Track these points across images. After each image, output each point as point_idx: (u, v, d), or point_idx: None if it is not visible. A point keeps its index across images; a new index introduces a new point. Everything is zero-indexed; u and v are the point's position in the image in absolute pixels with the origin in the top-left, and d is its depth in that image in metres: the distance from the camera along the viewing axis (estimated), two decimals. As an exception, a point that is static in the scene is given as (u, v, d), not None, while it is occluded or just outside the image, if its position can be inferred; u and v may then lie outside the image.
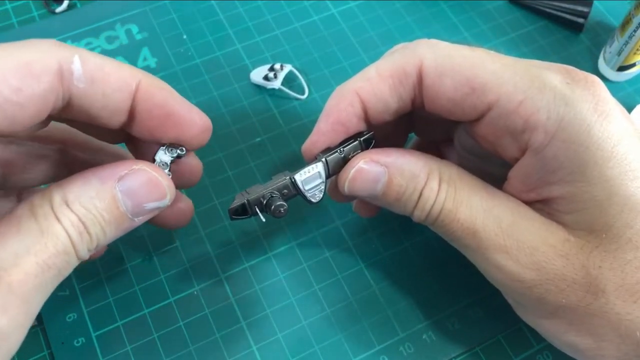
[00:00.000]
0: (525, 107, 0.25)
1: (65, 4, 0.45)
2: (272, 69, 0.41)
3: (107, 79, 0.23)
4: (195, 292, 0.34)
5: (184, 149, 0.27)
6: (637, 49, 0.40)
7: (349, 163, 0.28)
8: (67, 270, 0.23)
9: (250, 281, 0.35)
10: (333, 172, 0.29)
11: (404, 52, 0.27)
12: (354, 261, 0.36)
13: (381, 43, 0.44)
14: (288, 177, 0.28)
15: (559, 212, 0.26)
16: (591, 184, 0.25)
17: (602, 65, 0.43)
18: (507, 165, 0.27)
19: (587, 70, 0.43)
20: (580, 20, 0.45)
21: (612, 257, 0.25)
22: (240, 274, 0.35)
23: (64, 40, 0.43)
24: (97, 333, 0.32)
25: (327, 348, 0.33)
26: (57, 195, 0.23)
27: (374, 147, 0.29)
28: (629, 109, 0.40)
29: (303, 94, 0.42)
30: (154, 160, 0.27)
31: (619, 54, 0.41)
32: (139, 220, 0.25)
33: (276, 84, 0.41)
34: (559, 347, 0.28)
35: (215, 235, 0.36)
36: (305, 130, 0.29)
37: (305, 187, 0.28)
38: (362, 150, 0.29)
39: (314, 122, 0.29)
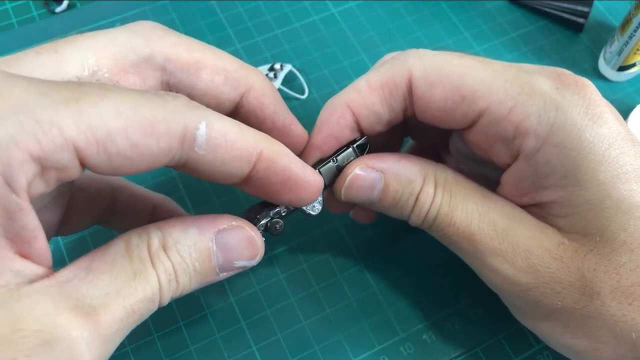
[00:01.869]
0: (516, 114, 0.25)
1: (65, 4, 0.45)
2: (272, 69, 0.41)
3: (228, 147, 0.22)
4: (195, 292, 0.34)
5: (287, 209, 0.27)
6: (638, 49, 0.40)
7: (344, 170, 0.28)
8: (147, 316, 0.22)
9: (250, 281, 0.35)
10: (328, 182, 0.29)
11: (393, 63, 0.28)
12: (354, 261, 0.36)
13: (381, 43, 0.44)
14: None
15: (553, 215, 0.26)
16: (584, 188, 0.25)
17: (602, 65, 0.43)
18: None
19: (588, 70, 0.44)
20: (580, 20, 0.45)
21: (607, 259, 0.25)
22: (240, 274, 0.34)
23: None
24: (97, 333, 0.32)
25: (327, 348, 0.33)
26: (156, 238, 0.22)
27: (369, 152, 0.29)
28: (629, 109, 0.40)
29: (303, 94, 0.42)
30: (254, 217, 0.27)
31: (620, 53, 0.41)
32: (223, 276, 0.25)
33: (276, 84, 0.41)
34: (556, 349, 0.28)
35: (215, 235, 0.36)
36: (306, 130, 0.29)
37: None
38: (357, 156, 0.29)
39: (313, 122, 0.29)
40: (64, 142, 0.18)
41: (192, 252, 0.23)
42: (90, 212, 0.28)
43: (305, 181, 0.24)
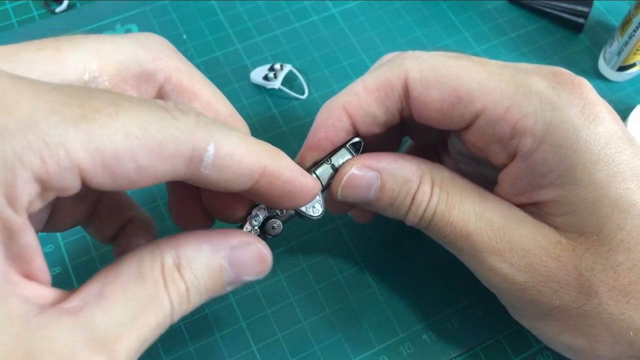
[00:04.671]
0: (512, 114, 0.25)
1: (65, 4, 0.45)
2: (272, 69, 0.41)
3: (234, 167, 0.21)
4: (195, 292, 0.34)
5: (284, 210, 0.27)
6: (637, 49, 0.40)
7: (340, 170, 0.28)
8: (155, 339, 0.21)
9: (250, 281, 0.35)
10: (325, 183, 0.29)
11: (390, 65, 0.28)
12: (354, 261, 0.36)
13: (381, 43, 0.44)
14: None
15: (550, 214, 0.26)
16: (580, 187, 0.25)
17: (602, 65, 0.43)
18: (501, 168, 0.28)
19: (588, 70, 0.44)
20: (580, 20, 0.45)
21: (604, 258, 0.25)
22: (240, 274, 0.35)
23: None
24: (97, 333, 0.32)
25: (327, 348, 0.33)
26: (169, 257, 0.22)
27: (364, 151, 0.29)
28: (629, 109, 0.40)
29: (303, 94, 0.42)
30: (249, 214, 0.27)
31: (619, 54, 0.41)
32: (229, 289, 0.24)
33: (276, 84, 0.41)
34: (554, 348, 0.28)
35: (215, 235, 0.36)
36: (305, 130, 0.29)
37: None
38: (352, 155, 0.29)
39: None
40: (70, 164, 0.17)
41: (206, 270, 0.22)
42: (75, 212, 0.28)
43: (305, 191, 0.24)
